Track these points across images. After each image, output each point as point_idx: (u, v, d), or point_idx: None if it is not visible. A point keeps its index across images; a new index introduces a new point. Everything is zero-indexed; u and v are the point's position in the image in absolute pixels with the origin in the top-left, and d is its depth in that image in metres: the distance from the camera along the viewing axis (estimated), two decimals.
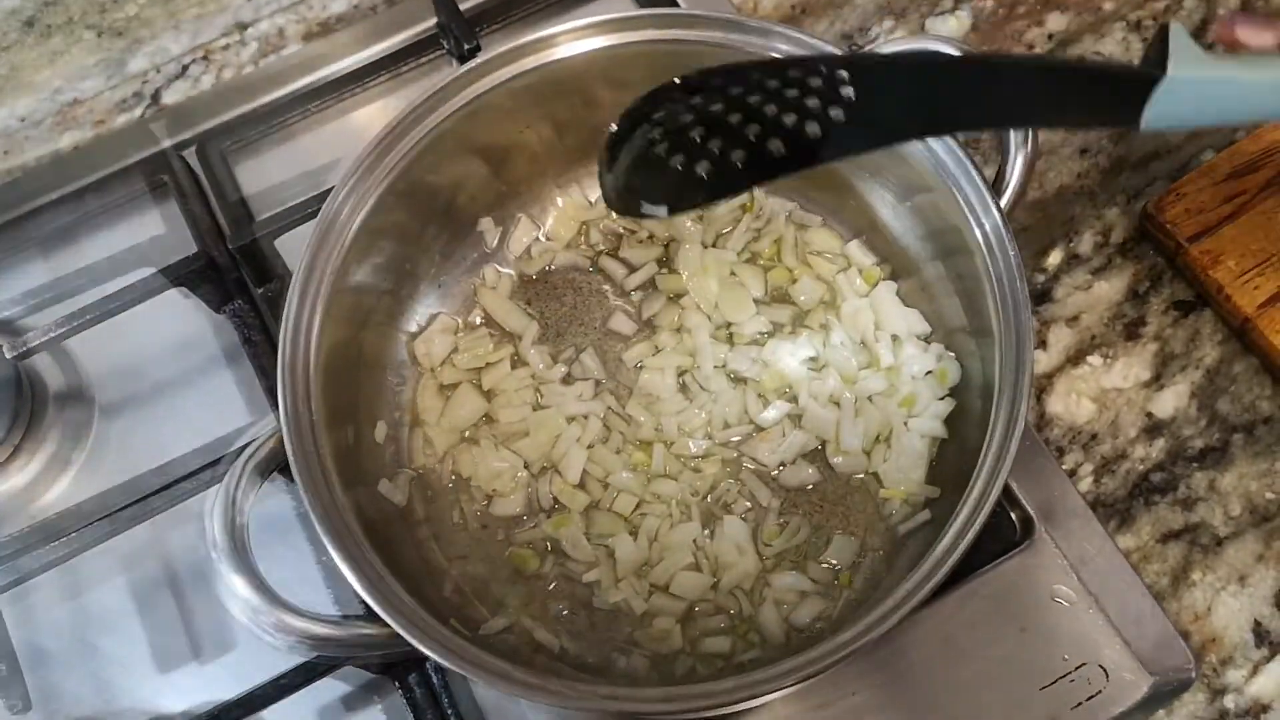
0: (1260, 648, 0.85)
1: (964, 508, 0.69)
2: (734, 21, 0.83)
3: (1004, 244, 0.74)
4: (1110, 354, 0.94)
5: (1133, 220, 0.98)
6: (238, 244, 0.99)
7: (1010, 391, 0.72)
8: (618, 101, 0.65)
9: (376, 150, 0.84)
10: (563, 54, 0.84)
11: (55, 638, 0.92)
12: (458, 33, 1.03)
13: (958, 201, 0.76)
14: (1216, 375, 0.93)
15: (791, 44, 0.83)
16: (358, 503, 0.74)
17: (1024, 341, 0.71)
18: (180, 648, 0.91)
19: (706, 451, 0.89)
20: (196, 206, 1.05)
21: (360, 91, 1.11)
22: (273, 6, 1.17)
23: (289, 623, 0.66)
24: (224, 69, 1.15)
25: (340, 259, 0.81)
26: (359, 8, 1.17)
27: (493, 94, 0.85)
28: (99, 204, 1.07)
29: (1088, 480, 0.90)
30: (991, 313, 0.74)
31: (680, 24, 0.84)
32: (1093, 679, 0.82)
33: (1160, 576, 0.87)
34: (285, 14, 1.17)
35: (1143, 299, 0.96)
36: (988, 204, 0.75)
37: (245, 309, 1.01)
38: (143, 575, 0.93)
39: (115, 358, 1.02)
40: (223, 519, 0.68)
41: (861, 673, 0.83)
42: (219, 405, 0.99)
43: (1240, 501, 0.89)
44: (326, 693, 0.87)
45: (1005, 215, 0.74)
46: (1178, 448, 0.91)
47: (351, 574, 0.68)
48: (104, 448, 0.99)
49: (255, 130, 1.09)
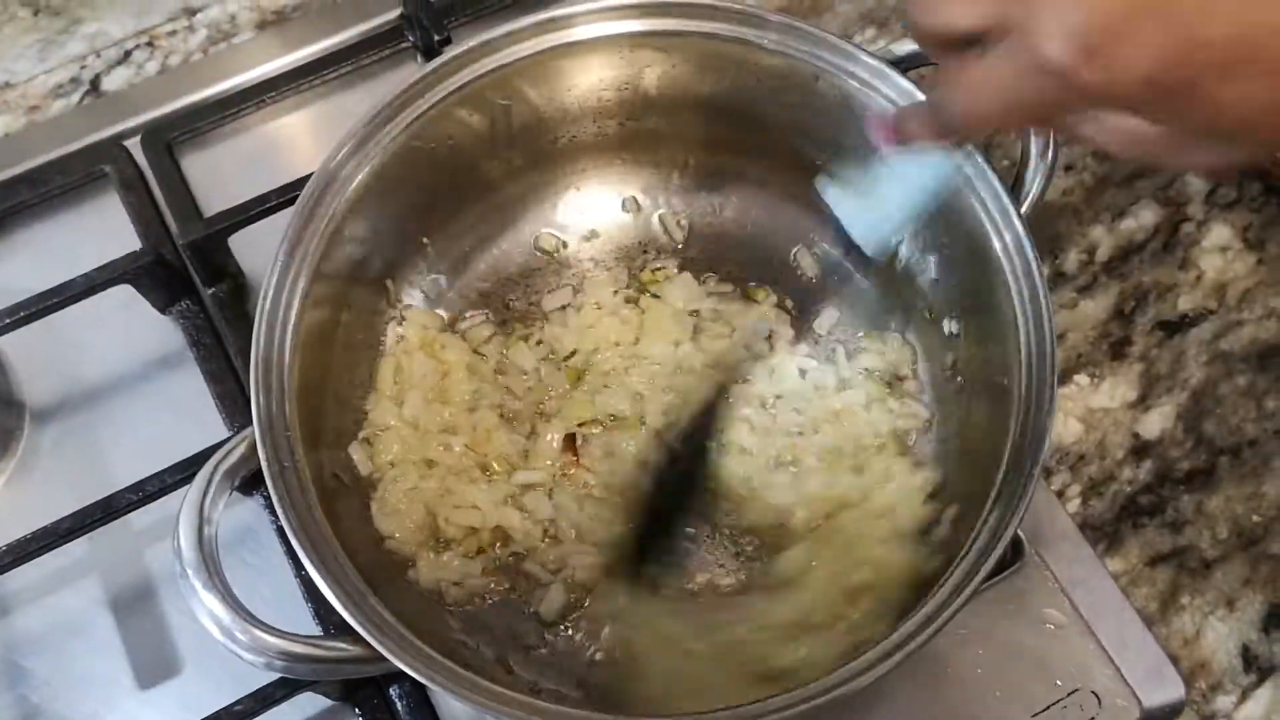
0: (1249, 673, 0.84)
1: (980, 534, 0.66)
2: (750, 14, 0.81)
3: (1025, 254, 0.71)
4: (1097, 373, 0.93)
5: (1117, 238, 0.98)
6: (187, 240, 0.93)
7: (1033, 404, 0.69)
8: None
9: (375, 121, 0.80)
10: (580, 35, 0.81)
11: None
12: (426, 23, 0.99)
13: (975, 209, 0.74)
14: (1203, 396, 0.92)
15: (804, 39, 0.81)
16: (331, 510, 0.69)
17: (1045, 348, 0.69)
18: (117, 672, 0.84)
19: None
20: (140, 200, 0.98)
21: (318, 84, 1.05)
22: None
23: (263, 640, 0.61)
24: (170, 56, 1.09)
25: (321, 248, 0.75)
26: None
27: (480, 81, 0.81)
28: (32, 195, 0.99)
29: (1075, 502, 0.89)
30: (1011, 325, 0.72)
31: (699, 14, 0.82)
32: (1085, 705, 0.80)
33: (1149, 600, 0.86)
34: (237, 0, 1.11)
35: (1128, 318, 0.95)
36: (1009, 213, 0.72)
37: (194, 310, 0.94)
38: (77, 595, 0.87)
39: (49, 360, 0.95)
40: (190, 530, 0.62)
41: (844, 702, 0.80)
42: (162, 413, 0.93)
43: (1227, 524, 0.88)
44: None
45: (1028, 222, 0.72)
46: (1165, 469, 0.90)
47: (330, 590, 0.63)
48: (35, 456, 0.92)
49: (206, 121, 1.03)
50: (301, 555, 0.63)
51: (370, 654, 0.63)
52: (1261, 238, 0.98)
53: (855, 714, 0.79)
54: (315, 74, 1.05)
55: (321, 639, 0.67)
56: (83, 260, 0.92)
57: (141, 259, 0.92)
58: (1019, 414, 0.69)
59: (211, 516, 0.64)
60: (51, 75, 1.08)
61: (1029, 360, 0.70)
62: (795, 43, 0.80)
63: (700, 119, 0.88)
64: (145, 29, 1.10)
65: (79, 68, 1.09)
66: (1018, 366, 0.71)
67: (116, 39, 1.10)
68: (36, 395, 0.94)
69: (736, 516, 0.85)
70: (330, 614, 0.81)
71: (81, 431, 0.93)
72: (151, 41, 1.10)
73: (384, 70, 1.07)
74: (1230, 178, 0.97)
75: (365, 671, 0.65)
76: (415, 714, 0.80)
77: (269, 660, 0.62)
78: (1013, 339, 0.71)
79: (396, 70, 1.06)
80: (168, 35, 1.10)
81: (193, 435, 0.85)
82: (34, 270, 0.94)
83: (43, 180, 1.00)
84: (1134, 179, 1.00)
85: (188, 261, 0.95)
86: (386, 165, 0.79)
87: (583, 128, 0.90)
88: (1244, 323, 0.95)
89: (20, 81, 1.08)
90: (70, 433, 0.93)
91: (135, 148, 1.01)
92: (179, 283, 0.95)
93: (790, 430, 0.87)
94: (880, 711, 0.80)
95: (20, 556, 0.81)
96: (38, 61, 1.08)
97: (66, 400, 0.94)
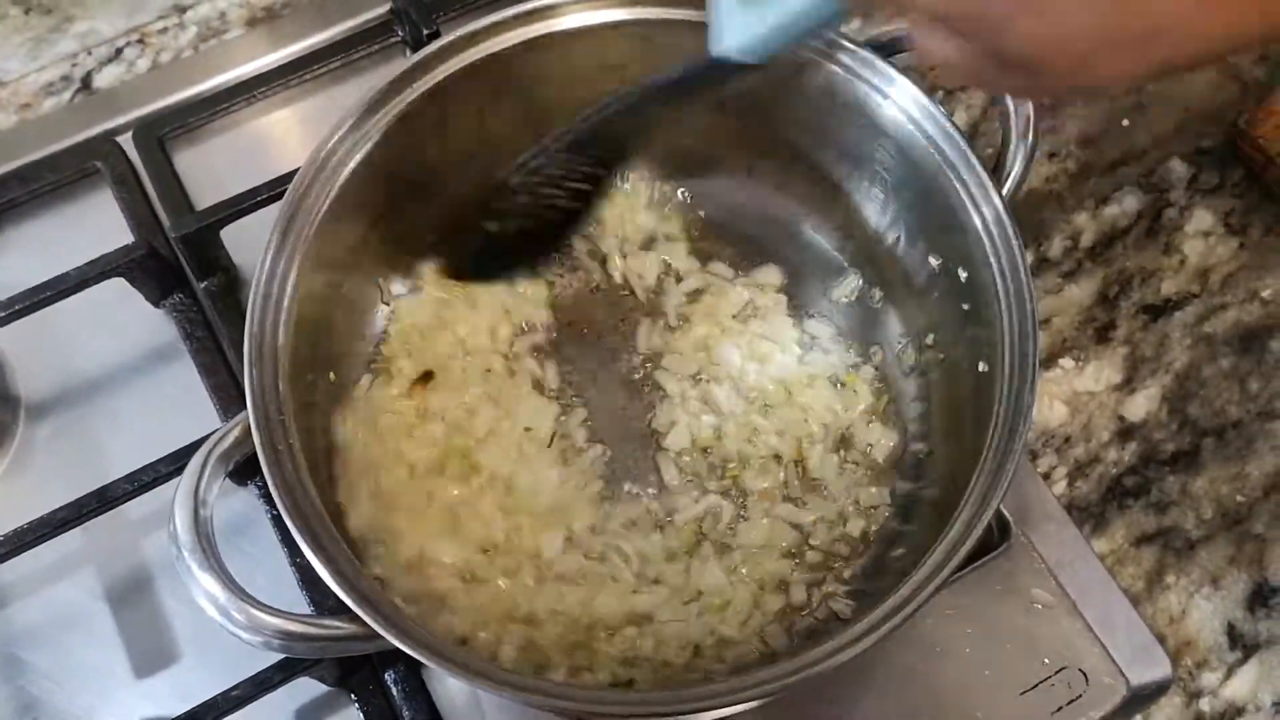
0: (1234, 650, 0.85)
1: (965, 507, 0.67)
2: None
3: (1005, 231, 0.72)
4: (1082, 357, 0.94)
5: (1101, 224, 0.99)
6: (179, 233, 0.93)
7: (1015, 379, 0.69)
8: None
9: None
10: (561, 26, 0.81)
11: None
12: (415, 17, 1.00)
13: (957, 190, 0.75)
14: (1186, 379, 0.93)
15: None
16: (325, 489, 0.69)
17: (1028, 327, 0.69)
18: (115, 662, 0.85)
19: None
20: (132, 195, 0.99)
21: (308, 79, 1.06)
22: None
23: (260, 619, 0.62)
24: (161, 53, 1.10)
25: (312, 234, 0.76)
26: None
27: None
28: (25, 192, 1.00)
29: (1062, 484, 0.90)
30: (993, 301, 0.72)
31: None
32: (1073, 683, 0.81)
33: (1135, 580, 0.87)
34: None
35: (1113, 303, 0.96)
36: (988, 192, 0.73)
37: (187, 303, 0.95)
38: (74, 587, 0.87)
39: (44, 354, 0.95)
40: (187, 513, 0.62)
41: (837, 682, 0.81)
42: (156, 405, 0.94)
43: (1211, 505, 0.89)
44: (275, 712, 0.82)
45: (1007, 202, 0.73)
46: (1150, 451, 0.91)
47: (325, 570, 0.64)
48: (30, 450, 0.93)
49: (196, 117, 1.03)
50: (294, 533, 0.64)
51: (365, 631, 0.63)
52: (1244, 223, 0.99)
53: (845, 692, 0.80)
54: (305, 69, 1.05)
55: (317, 618, 0.67)
56: (76, 255, 0.92)
57: (134, 253, 0.92)
58: (1001, 392, 0.70)
59: (207, 499, 0.64)
60: (43, 73, 1.09)
61: (1011, 337, 0.71)
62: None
63: (685, 106, 0.88)
64: (136, 26, 1.11)
65: (70, 65, 1.09)
66: (1000, 344, 0.71)
67: (108, 37, 1.10)
68: (32, 389, 0.95)
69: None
70: (326, 599, 0.82)
71: (77, 425, 0.93)
72: (142, 39, 1.10)
73: (373, 65, 1.07)
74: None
75: (361, 649, 0.66)
76: (410, 698, 0.81)
77: (266, 639, 0.62)
78: (995, 317, 0.72)
79: (386, 65, 1.06)
80: (158, 32, 1.11)
81: (187, 427, 0.85)
82: (28, 266, 0.94)
83: (35, 177, 1.00)
84: (1117, 166, 1.01)
85: (180, 255, 0.95)
86: (375, 153, 0.80)
87: (570, 117, 0.90)
88: (1227, 306, 0.96)
89: (12, 80, 1.08)
90: (65, 426, 0.93)
91: (127, 144, 1.01)
92: (172, 276, 0.95)
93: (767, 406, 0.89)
94: (870, 691, 0.81)
95: (17, 547, 0.82)
96: (29, 60, 1.08)
97: (62, 394, 0.94)
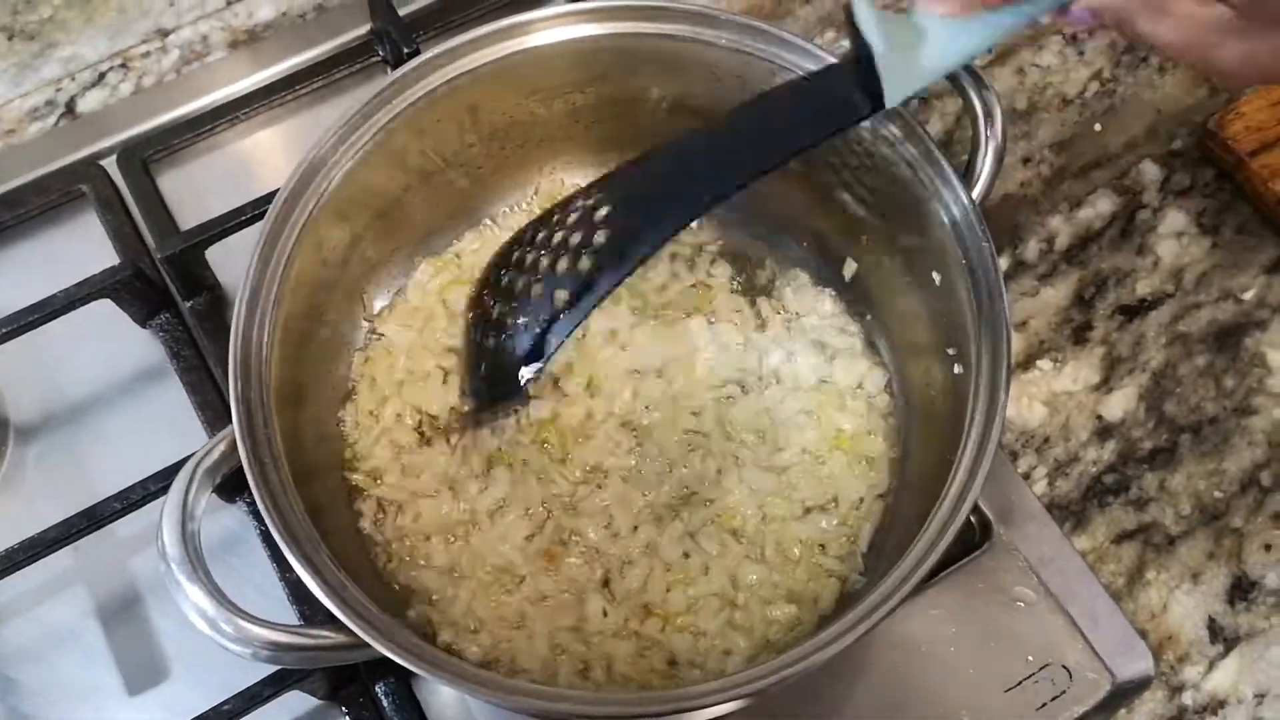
0: (1215, 644, 0.86)
1: (943, 504, 0.68)
2: (704, 15, 0.82)
3: (975, 230, 0.73)
4: (1059, 358, 0.95)
5: (1075, 227, 1.00)
6: (165, 254, 0.94)
7: (989, 380, 0.70)
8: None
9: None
10: (536, 42, 0.82)
11: None
12: (396, 37, 1.01)
13: (926, 190, 0.76)
14: (1163, 377, 0.94)
15: (760, 38, 0.82)
16: (313, 504, 0.70)
17: (1000, 327, 0.70)
18: (106, 680, 0.85)
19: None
20: (118, 217, 1.00)
21: (290, 99, 1.07)
22: (196, 13, 1.13)
23: (249, 630, 0.62)
24: (144, 76, 1.11)
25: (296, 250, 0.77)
26: (287, 15, 1.13)
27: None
28: (10, 216, 1.01)
29: (1042, 483, 0.91)
30: (966, 301, 0.74)
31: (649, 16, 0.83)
32: (1056, 679, 0.82)
33: (1116, 576, 0.88)
34: (209, 21, 1.13)
35: (1089, 304, 0.97)
36: (957, 191, 0.75)
37: (173, 323, 0.96)
38: (64, 606, 0.88)
39: (32, 376, 0.96)
40: (174, 526, 0.63)
41: (821, 682, 0.82)
42: (145, 424, 0.95)
43: (1190, 501, 0.90)
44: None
45: (976, 202, 0.74)
46: (1128, 449, 0.92)
47: (312, 580, 0.64)
48: (20, 471, 0.93)
49: (180, 139, 1.04)
50: (282, 545, 0.64)
51: (353, 641, 0.64)
52: (1215, 223, 1.01)
53: (830, 692, 0.81)
54: (287, 90, 1.06)
55: (306, 628, 0.67)
56: (63, 278, 0.93)
57: (120, 274, 0.93)
58: (975, 390, 0.71)
59: (194, 512, 0.65)
60: (27, 99, 1.10)
61: (984, 337, 0.72)
62: (752, 41, 0.82)
63: (665, 119, 0.90)
64: (119, 51, 1.12)
65: (54, 90, 1.10)
66: (974, 344, 0.72)
67: (91, 61, 1.11)
68: (21, 411, 0.95)
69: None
70: (315, 613, 0.82)
71: (66, 445, 0.94)
72: (125, 63, 1.11)
73: (355, 85, 1.08)
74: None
75: (349, 658, 0.66)
76: (401, 710, 0.81)
77: (254, 650, 0.63)
78: (968, 317, 0.73)
79: (367, 84, 1.07)
80: (141, 56, 1.12)
81: (175, 445, 0.86)
82: (15, 289, 0.95)
83: (21, 201, 1.01)
84: (1090, 169, 1.03)
85: (166, 275, 0.96)
86: (357, 170, 0.81)
87: (550, 131, 0.92)
88: (1201, 305, 0.97)
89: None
90: (54, 447, 0.94)
91: (112, 167, 1.03)
92: (158, 296, 0.96)
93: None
94: (854, 690, 0.82)
95: (7, 567, 0.83)
96: (13, 86, 1.09)
97: (50, 415, 0.95)
